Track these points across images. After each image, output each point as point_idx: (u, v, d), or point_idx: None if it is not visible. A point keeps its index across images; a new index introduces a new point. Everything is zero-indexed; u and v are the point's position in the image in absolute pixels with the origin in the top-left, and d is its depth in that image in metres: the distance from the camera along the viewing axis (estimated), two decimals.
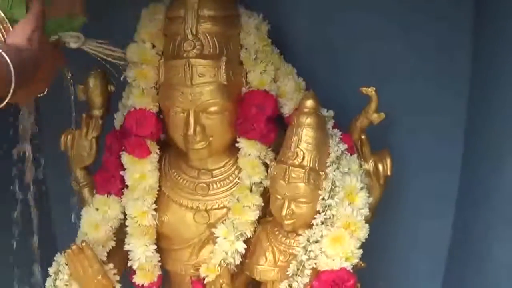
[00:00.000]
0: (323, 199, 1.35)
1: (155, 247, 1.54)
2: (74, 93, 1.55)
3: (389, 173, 1.47)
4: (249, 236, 1.45)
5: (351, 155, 1.42)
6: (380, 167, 1.48)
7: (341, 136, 1.44)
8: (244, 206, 1.45)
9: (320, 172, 1.36)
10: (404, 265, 1.82)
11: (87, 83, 1.57)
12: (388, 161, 1.47)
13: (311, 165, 1.35)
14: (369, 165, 1.51)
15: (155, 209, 1.52)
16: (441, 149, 1.70)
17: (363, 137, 1.48)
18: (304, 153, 1.35)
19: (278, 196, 1.38)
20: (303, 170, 1.34)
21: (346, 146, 1.41)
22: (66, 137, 1.60)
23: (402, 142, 1.67)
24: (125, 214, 1.54)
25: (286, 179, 1.35)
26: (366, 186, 1.44)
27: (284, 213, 1.36)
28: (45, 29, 1.22)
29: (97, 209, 1.53)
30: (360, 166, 1.45)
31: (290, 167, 1.35)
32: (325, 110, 1.47)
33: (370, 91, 1.43)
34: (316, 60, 1.62)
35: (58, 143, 1.60)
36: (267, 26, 1.49)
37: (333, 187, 1.35)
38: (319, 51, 1.64)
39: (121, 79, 1.55)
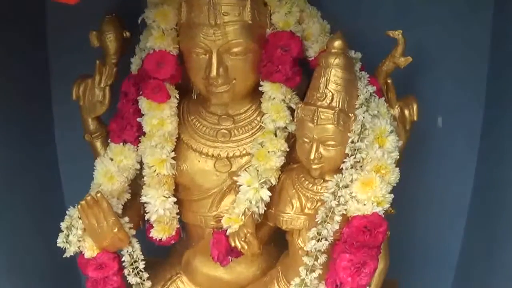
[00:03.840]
0: (352, 142, 1.29)
1: (175, 199, 1.48)
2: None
3: (415, 118, 1.43)
4: (273, 183, 1.39)
5: (379, 98, 1.35)
6: (406, 112, 1.44)
7: (369, 79, 1.37)
8: (268, 152, 1.38)
9: (350, 114, 1.30)
10: (426, 215, 1.78)
11: (101, 28, 1.51)
12: (415, 106, 1.43)
13: (340, 106, 1.29)
14: (395, 111, 1.47)
15: (174, 158, 1.45)
16: (465, 95, 1.65)
17: (389, 81, 1.44)
18: (333, 94, 1.29)
19: (306, 140, 1.32)
20: (332, 111, 1.28)
21: (374, 88, 1.35)
22: (79, 85, 1.54)
23: (425, 88, 1.63)
24: (141, 165, 1.47)
25: (315, 121, 1.29)
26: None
27: (312, 156, 1.30)
28: None
29: (111, 159, 1.46)
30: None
31: (319, 109, 1.28)
32: (353, 51, 1.42)
33: (397, 34, 1.39)
34: (339, 4, 1.56)
35: (69, 94, 1.54)
36: None
37: (362, 129, 1.29)
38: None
39: (139, 22, 1.49)
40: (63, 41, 1.67)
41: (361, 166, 1.30)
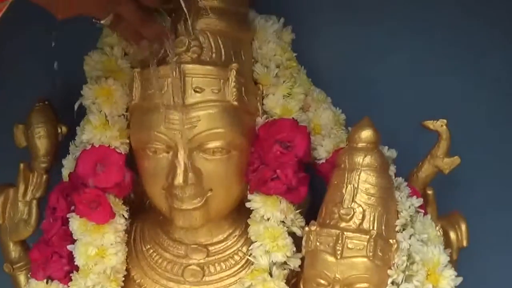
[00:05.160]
0: (393, 283, 0.94)
1: None
2: None
3: (465, 244, 1.14)
4: None
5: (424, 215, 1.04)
6: (453, 235, 1.12)
7: (410, 189, 1.04)
8: None
9: (390, 240, 0.94)
10: None
11: (28, 121, 1.22)
12: (463, 227, 1.13)
13: (376, 229, 0.93)
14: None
15: None
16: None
17: (429, 192, 1.12)
18: (364, 211, 0.93)
19: (322, 281, 0.94)
20: (366, 237, 0.92)
21: (420, 201, 1.01)
22: None
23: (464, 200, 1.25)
24: None
25: (338, 253, 0.92)
26: None
27: None
28: None
29: None
30: None
31: (345, 233, 0.92)
32: (385, 148, 1.04)
33: (439, 125, 1.09)
34: (348, 91, 1.22)
35: None
36: (291, 34, 1.12)
37: (409, 263, 0.94)
38: (353, 80, 1.24)
39: (75, 107, 1.11)
40: None
41: None
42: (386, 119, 1.14)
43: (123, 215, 1.08)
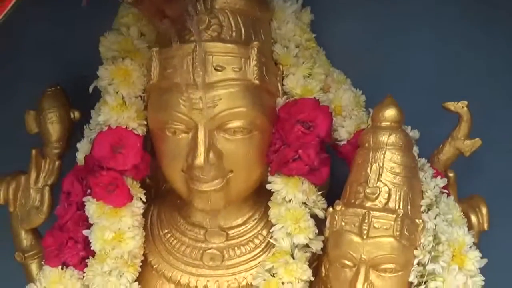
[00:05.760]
0: (419, 263, 0.91)
1: None
2: None
3: (486, 227, 1.11)
4: None
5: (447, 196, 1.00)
6: (474, 219, 1.09)
7: (433, 170, 1.01)
8: (283, 283, 0.98)
9: (416, 220, 0.91)
10: None
11: (40, 106, 1.18)
12: (484, 211, 1.11)
13: (402, 208, 0.90)
14: None
15: None
16: None
17: (450, 175, 1.09)
18: (389, 190, 0.90)
19: (348, 262, 0.91)
20: (393, 216, 0.88)
21: (445, 181, 0.99)
22: (8, 185, 1.21)
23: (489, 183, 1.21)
24: None
25: (364, 233, 0.89)
26: None
27: None
28: None
29: None
30: None
31: (371, 213, 0.89)
32: (408, 128, 1.01)
33: (460, 106, 1.06)
34: (367, 73, 1.17)
35: None
36: (310, 15, 1.10)
37: (434, 244, 0.91)
38: (372, 62, 1.20)
39: (90, 90, 1.08)
40: None
41: None
42: (406, 101, 1.12)
43: (141, 198, 1.06)
